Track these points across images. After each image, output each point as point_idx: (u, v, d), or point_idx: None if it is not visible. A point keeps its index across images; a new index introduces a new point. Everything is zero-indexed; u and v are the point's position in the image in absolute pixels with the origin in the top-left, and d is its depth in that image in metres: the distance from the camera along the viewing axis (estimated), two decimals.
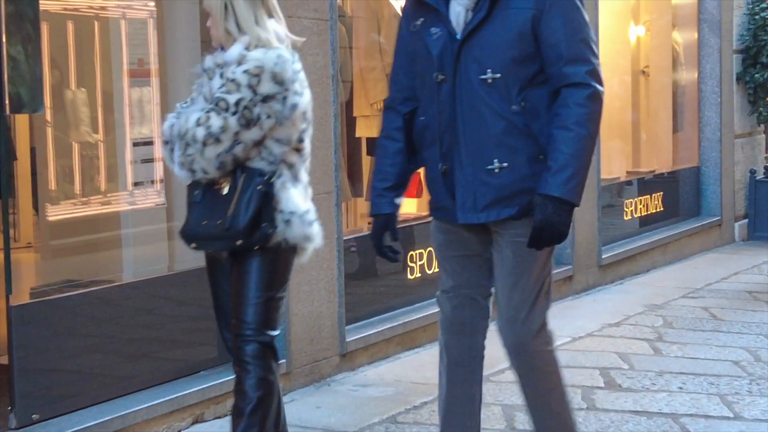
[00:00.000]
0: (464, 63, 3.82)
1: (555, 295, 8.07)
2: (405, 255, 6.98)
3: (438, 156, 3.90)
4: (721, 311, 7.85)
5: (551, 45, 3.78)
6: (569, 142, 3.71)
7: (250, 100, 3.89)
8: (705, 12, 10.84)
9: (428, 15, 3.91)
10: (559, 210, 3.71)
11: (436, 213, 4.05)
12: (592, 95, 3.75)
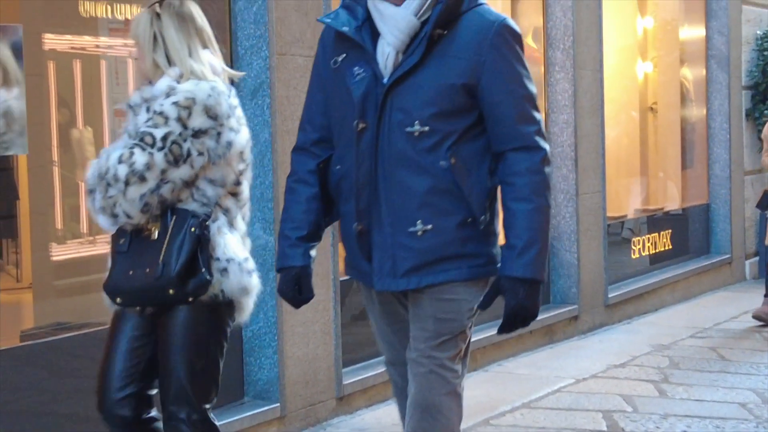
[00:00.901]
0: (389, 111, 3.41)
1: (561, 335, 8.05)
2: None
3: (354, 213, 3.48)
4: (729, 351, 7.72)
5: (494, 103, 3.39)
6: (532, 217, 3.37)
7: (179, 134, 3.56)
8: (713, 48, 10.76)
9: (352, 51, 3.48)
10: (531, 291, 3.39)
11: (351, 272, 3.66)
12: (544, 159, 3.40)
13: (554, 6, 8.23)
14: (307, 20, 5.75)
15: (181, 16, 3.74)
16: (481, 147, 3.45)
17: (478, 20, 3.39)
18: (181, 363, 3.63)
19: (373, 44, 3.44)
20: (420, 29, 3.41)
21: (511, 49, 3.40)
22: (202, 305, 3.63)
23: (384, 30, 3.42)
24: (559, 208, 8.24)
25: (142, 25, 3.74)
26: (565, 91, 8.22)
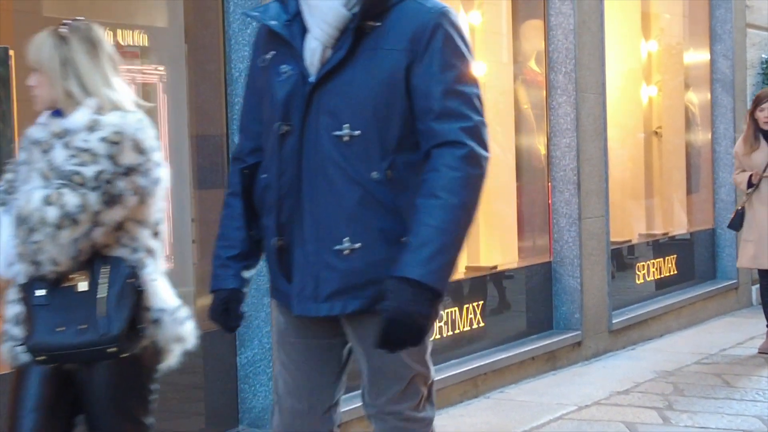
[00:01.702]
0: (315, 113, 3.06)
1: (564, 362, 7.94)
2: None
3: (274, 227, 3.13)
4: (734, 378, 7.60)
5: (422, 95, 3.03)
6: (435, 212, 2.94)
7: (112, 173, 3.21)
8: (718, 72, 10.68)
9: (281, 48, 3.15)
10: (418, 297, 2.90)
11: (273, 293, 3.30)
12: (467, 156, 2.99)
13: (556, 29, 8.16)
14: None
15: (90, 40, 3.38)
16: (420, 157, 3.08)
17: (414, 9, 3.08)
18: (111, 419, 3.34)
19: (301, 40, 3.12)
20: (350, 21, 3.07)
21: (449, 41, 3.05)
22: (132, 357, 3.30)
23: (311, 23, 3.11)
24: (561, 232, 8.15)
25: (47, 49, 3.36)
26: (567, 115, 8.14)
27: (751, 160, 8.29)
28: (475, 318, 7.32)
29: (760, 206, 8.27)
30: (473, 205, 3.04)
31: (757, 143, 8.28)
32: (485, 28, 8.60)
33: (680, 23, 11.12)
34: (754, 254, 8.27)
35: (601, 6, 8.44)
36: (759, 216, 8.25)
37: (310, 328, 3.21)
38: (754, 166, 8.29)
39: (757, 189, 8.27)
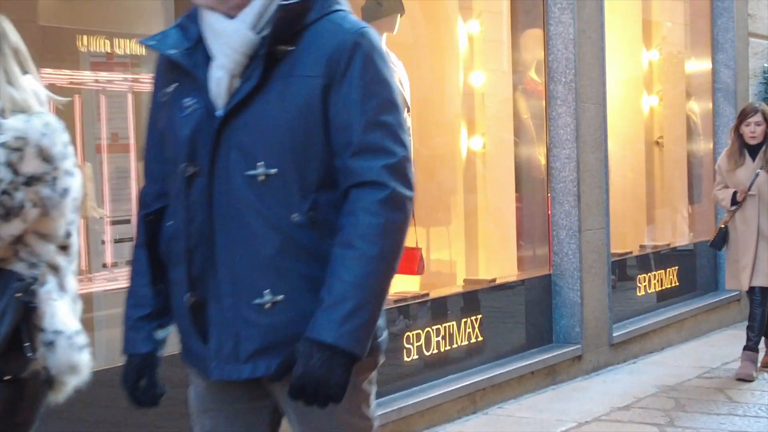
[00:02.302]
0: (225, 151, 2.69)
1: (564, 376, 7.82)
2: (401, 336, 6.67)
3: (185, 281, 2.75)
4: (737, 393, 7.48)
5: (340, 128, 2.67)
6: (351, 265, 2.60)
7: (11, 182, 2.81)
8: (719, 81, 10.57)
9: (184, 80, 2.79)
10: (330, 362, 2.58)
11: (185, 357, 2.87)
12: (389, 199, 2.63)
13: (556, 39, 8.05)
14: None
15: None
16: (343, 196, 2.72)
17: (330, 30, 2.72)
18: None
19: (205, 70, 2.75)
20: (260, 47, 2.71)
21: (370, 65, 2.70)
22: (16, 382, 2.91)
23: (215, 50, 2.73)
24: (561, 245, 8.04)
25: None
26: (567, 126, 8.03)
27: (736, 176, 7.98)
28: (473, 332, 7.21)
29: (743, 225, 7.96)
30: (395, 255, 2.66)
31: (742, 159, 7.97)
32: (484, 38, 8.50)
33: (682, 32, 11.02)
34: (736, 273, 7.98)
35: (601, 15, 8.34)
36: (744, 236, 7.94)
37: (232, 393, 2.86)
38: (738, 183, 7.96)
39: (741, 207, 7.95)
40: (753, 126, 7.91)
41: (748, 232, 7.92)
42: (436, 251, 8.23)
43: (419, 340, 6.77)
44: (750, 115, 7.96)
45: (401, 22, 7.48)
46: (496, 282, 7.74)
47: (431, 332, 6.85)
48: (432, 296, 7.13)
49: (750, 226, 7.92)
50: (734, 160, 8.00)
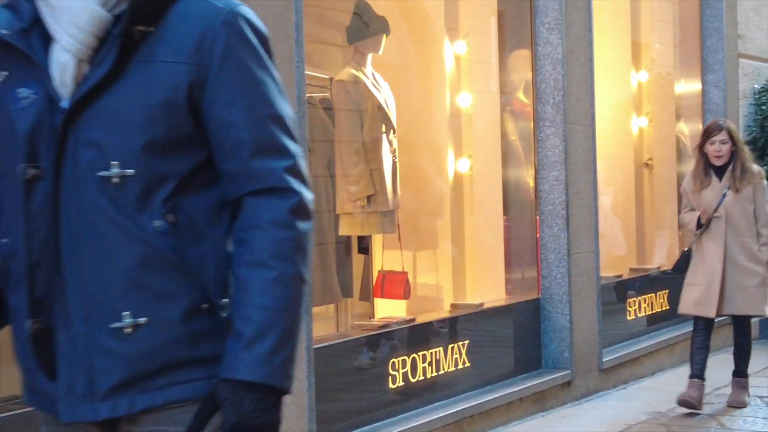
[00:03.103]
0: (73, 149, 2.25)
1: (553, 402, 7.67)
2: (387, 362, 6.52)
3: (26, 305, 2.29)
4: (730, 419, 7.36)
5: (223, 125, 2.27)
6: (269, 289, 2.22)
7: None
8: (709, 102, 10.48)
9: (17, 66, 2.33)
10: (264, 404, 2.21)
11: (28, 396, 2.40)
12: (298, 208, 2.27)
13: (544, 59, 7.94)
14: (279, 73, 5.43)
15: None
16: (217, 197, 2.32)
17: (199, 9, 2.29)
18: None
19: (45, 53, 2.29)
20: (113, 26, 2.26)
21: (250, 49, 2.29)
22: None
23: (56, 30, 2.27)
24: (550, 268, 7.90)
25: None
26: (556, 147, 7.91)
27: (701, 197, 7.56)
28: (460, 358, 7.06)
29: (710, 248, 7.53)
30: (309, 269, 2.32)
31: (707, 179, 7.55)
32: (472, 59, 8.39)
33: (671, 53, 10.94)
34: (699, 300, 7.54)
35: (589, 35, 8.24)
36: (709, 259, 7.52)
37: None
38: (704, 205, 7.55)
39: (708, 230, 7.53)
40: (718, 144, 7.50)
41: (715, 257, 7.51)
42: (423, 275, 8.10)
43: (404, 366, 6.61)
44: (714, 133, 7.54)
45: (387, 42, 7.40)
46: (484, 306, 7.60)
47: (417, 358, 6.70)
48: (418, 321, 6.98)
49: (717, 250, 7.51)
50: (699, 181, 7.59)
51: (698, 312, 7.60)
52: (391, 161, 7.31)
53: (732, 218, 7.50)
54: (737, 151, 7.55)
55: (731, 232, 7.50)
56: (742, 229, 7.53)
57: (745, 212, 7.53)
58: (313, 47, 7.77)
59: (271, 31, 5.32)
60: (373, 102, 7.34)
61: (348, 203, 7.27)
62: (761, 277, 7.55)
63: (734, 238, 7.50)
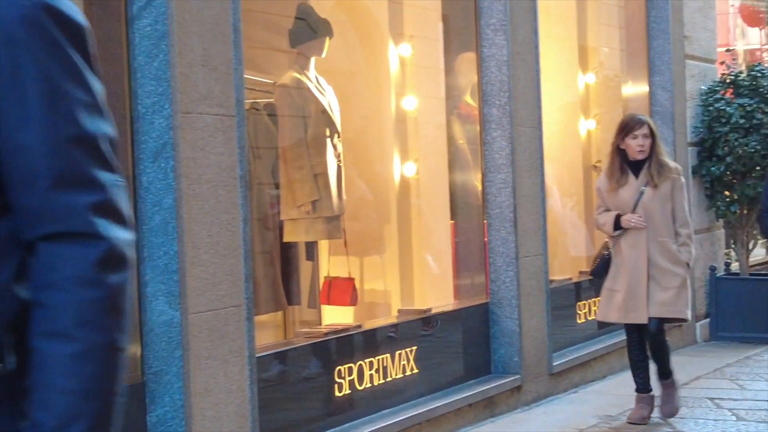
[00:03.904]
0: None
1: (503, 407, 7.59)
2: (332, 370, 6.40)
3: None
4: (680, 422, 7.30)
5: (13, 150, 1.75)
6: (74, 368, 1.72)
7: None
8: (657, 104, 10.44)
9: None
10: None
11: None
12: (106, 258, 1.75)
13: (489, 61, 7.86)
14: (215, 75, 5.32)
15: None
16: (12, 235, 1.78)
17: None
18: None
19: None
20: None
21: (54, 51, 1.77)
22: None
23: None
24: (498, 272, 7.82)
25: None
26: (503, 150, 7.83)
27: (618, 197, 7.13)
28: (408, 364, 6.96)
29: (629, 251, 7.09)
30: (126, 332, 1.79)
31: (624, 177, 7.12)
32: (417, 63, 8.31)
33: (618, 55, 10.91)
34: (626, 307, 7.07)
35: (535, 37, 8.17)
36: (630, 262, 7.09)
37: None
38: (620, 205, 7.13)
39: (625, 232, 7.12)
40: (641, 139, 7.07)
41: (636, 259, 7.09)
42: (370, 281, 8.00)
43: (351, 374, 6.50)
44: (637, 127, 7.10)
45: (331, 46, 7.31)
46: (432, 312, 7.50)
47: (364, 365, 6.59)
48: (365, 328, 6.87)
49: (638, 252, 7.08)
50: (616, 179, 7.15)
51: (629, 319, 7.17)
52: (336, 166, 7.21)
53: (650, 217, 7.10)
54: (655, 147, 7.16)
55: (650, 231, 7.09)
56: (660, 228, 7.11)
57: (664, 211, 7.12)
58: (259, 51, 7.67)
59: (208, 33, 5.24)
60: (317, 106, 7.24)
61: (292, 209, 7.16)
62: (681, 278, 7.14)
63: (653, 238, 7.09)
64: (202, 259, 5.19)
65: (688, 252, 7.20)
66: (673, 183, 7.17)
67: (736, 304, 10.57)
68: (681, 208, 7.21)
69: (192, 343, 5.11)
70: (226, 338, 5.31)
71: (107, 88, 3.78)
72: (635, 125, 7.14)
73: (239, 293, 5.42)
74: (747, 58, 13.12)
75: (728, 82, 10.95)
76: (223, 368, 5.28)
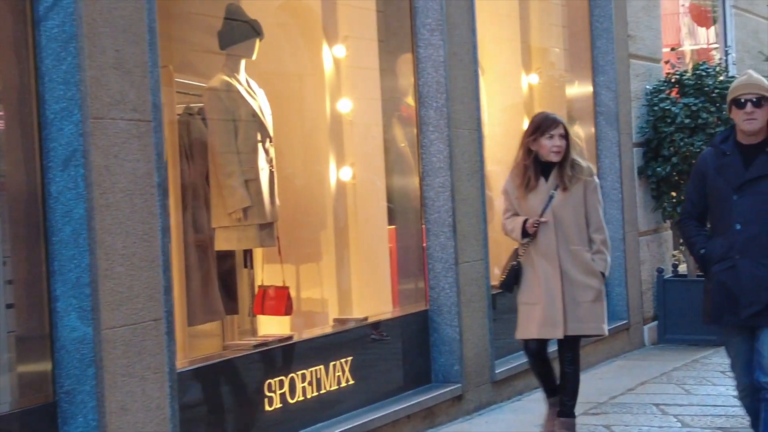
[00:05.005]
0: None
1: (443, 418, 7.39)
2: (263, 382, 6.17)
3: None
4: (624, 429, 7.14)
5: None
6: None
7: None
8: (601, 104, 10.28)
9: None
10: None
11: None
12: None
13: (425, 62, 7.66)
14: (129, 78, 5.08)
15: None
16: None
17: None
18: None
19: None
20: None
21: None
22: None
23: None
24: (438, 278, 7.62)
25: None
26: (440, 152, 7.63)
27: (527, 202, 6.53)
28: (343, 375, 6.74)
29: (541, 261, 6.49)
30: None
31: (535, 180, 6.52)
32: (352, 64, 8.10)
33: (562, 55, 10.75)
34: (542, 320, 6.47)
35: (473, 37, 7.98)
36: (543, 273, 6.48)
37: None
38: (529, 211, 6.52)
39: (535, 239, 6.51)
40: (557, 139, 6.46)
41: (548, 271, 6.48)
42: (306, 290, 7.78)
43: (282, 387, 6.27)
44: (553, 126, 6.50)
45: (263, 48, 7.10)
46: (368, 320, 7.29)
47: (296, 378, 6.36)
48: (297, 339, 6.65)
49: (550, 263, 6.48)
50: (525, 183, 6.53)
51: (543, 334, 6.53)
52: (268, 171, 7.00)
53: (562, 223, 6.49)
54: (569, 147, 6.56)
55: (561, 239, 6.48)
56: (572, 235, 6.50)
57: (576, 216, 6.52)
58: (192, 55, 7.45)
59: (121, 34, 4.98)
60: (247, 110, 7.02)
61: (224, 217, 6.93)
62: (596, 291, 6.53)
63: (565, 247, 6.48)
64: (116, 272, 4.95)
65: (603, 260, 6.58)
66: (586, 185, 6.58)
67: (683, 306, 10.41)
68: (595, 212, 6.60)
69: (106, 360, 4.86)
70: (144, 354, 5.07)
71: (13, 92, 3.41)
72: (551, 124, 6.53)
73: (158, 307, 5.18)
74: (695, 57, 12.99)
75: (673, 81, 10.83)
76: (141, 385, 5.04)
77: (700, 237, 5.78)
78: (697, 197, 5.79)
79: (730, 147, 5.67)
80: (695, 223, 5.84)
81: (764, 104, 5.58)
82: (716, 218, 5.74)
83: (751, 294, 5.51)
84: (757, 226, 5.52)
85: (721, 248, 5.61)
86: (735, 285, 5.55)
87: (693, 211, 5.83)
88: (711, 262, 5.67)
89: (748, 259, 5.52)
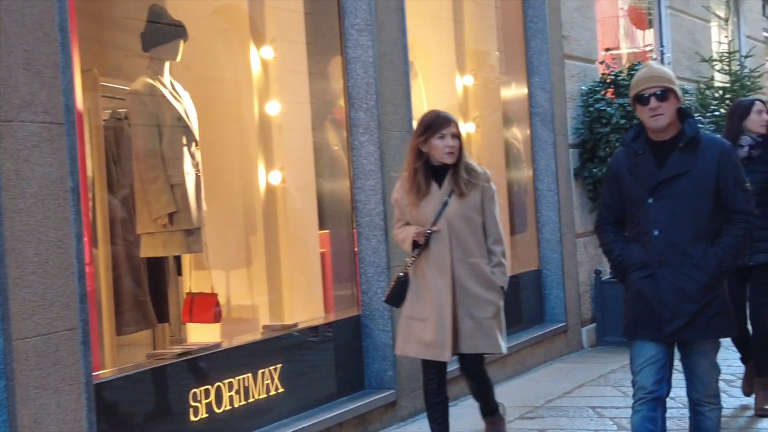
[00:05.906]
0: None
1: (377, 425, 7.24)
2: (187, 392, 6.00)
3: None
4: None
5: None
6: None
7: None
8: (536, 105, 10.22)
9: None
10: None
11: None
12: None
13: (354, 63, 7.53)
14: (40, 79, 4.90)
15: None
16: None
17: None
18: None
19: None
20: None
21: None
22: None
23: None
24: (370, 283, 7.49)
25: None
26: (371, 155, 7.51)
27: (419, 210, 5.99)
28: (272, 383, 6.59)
29: (432, 274, 5.98)
30: None
31: (426, 186, 5.98)
32: (280, 66, 7.95)
33: (496, 56, 10.67)
34: (426, 339, 5.99)
35: (403, 38, 7.86)
36: (433, 287, 5.97)
37: None
38: (422, 220, 5.99)
39: (427, 249, 5.98)
40: (450, 139, 5.93)
41: (440, 283, 5.97)
42: (236, 296, 7.62)
43: (208, 396, 6.10)
44: (445, 125, 5.96)
45: (188, 50, 6.94)
46: (299, 327, 7.14)
47: (222, 387, 6.20)
48: (224, 346, 6.49)
49: (442, 277, 5.97)
50: (416, 190, 5.99)
51: (429, 355, 6.05)
52: (194, 176, 6.84)
53: (457, 233, 5.97)
54: (462, 149, 6.05)
55: (457, 251, 5.96)
56: (470, 247, 5.99)
57: (473, 225, 6.01)
58: (119, 58, 7.28)
59: (31, 34, 4.80)
60: (172, 113, 6.86)
61: (149, 223, 6.77)
62: (495, 307, 6.08)
63: (461, 258, 5.97)
64: (28, 280, 4.77)
65: (503, 274, 6.09)
66: (483, 192, 6.05)
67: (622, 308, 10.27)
68: (493, 221, 6.08)
69: (18, 372, 4.68)
70: (59, 365, 4.90)
71: None
72: (443, 123, 5.96)
73: (73, 315, 5.00)
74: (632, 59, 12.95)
75: (608, 82, 10.79)
76: (55, 398, 4.86)
77: (617, 243, 5.21)
78: (612, 201, 5.28)
79: (641, 145, 5.15)
80: (612, 228, 5.26)
81: (670, 96, 5.04)
82: (633, 223, 5.21)
83: (674, 307, 5.02)
84: (675, 231, 5.03)
85: (638, 255, 5.11)
86: (655, 297, 5.04)
87: (609, 216, 5.29)
88: (628, 269, 5.16)
89: (669, 268, 5.02)
